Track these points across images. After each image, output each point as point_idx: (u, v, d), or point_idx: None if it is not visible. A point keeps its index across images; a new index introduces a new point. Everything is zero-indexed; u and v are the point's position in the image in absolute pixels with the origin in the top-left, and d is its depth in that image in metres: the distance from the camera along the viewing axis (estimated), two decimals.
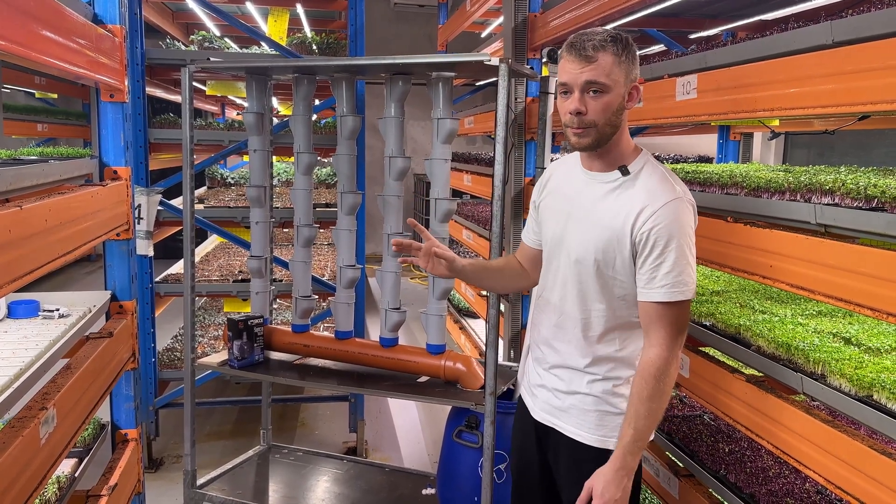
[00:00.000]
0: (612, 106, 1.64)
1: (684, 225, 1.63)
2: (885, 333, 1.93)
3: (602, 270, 1.71)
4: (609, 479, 1.63)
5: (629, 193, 1.68)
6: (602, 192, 1.73)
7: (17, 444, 1.47)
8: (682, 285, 1.62)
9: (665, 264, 1.61)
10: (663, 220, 1.61)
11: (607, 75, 1.62)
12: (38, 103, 7.38)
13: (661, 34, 4.01)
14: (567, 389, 1.81)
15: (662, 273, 1.62)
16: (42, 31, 1.67)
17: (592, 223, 1.72)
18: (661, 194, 1.64)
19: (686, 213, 1.64)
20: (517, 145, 3.34)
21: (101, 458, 2.39)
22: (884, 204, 1.49)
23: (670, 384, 1.65)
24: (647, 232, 1.62)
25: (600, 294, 1.73)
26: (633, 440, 1.63)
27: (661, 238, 1.61)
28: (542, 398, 1.89)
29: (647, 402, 1.62)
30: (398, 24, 10.40)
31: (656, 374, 1.62)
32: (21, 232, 1.51)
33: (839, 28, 1.54)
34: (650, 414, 1.63)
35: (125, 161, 2.38)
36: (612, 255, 1.68)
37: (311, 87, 2.89)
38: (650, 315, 1.66)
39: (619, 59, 1.62)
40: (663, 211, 1.61)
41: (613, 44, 1.62)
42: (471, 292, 4.96)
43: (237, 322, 2.82)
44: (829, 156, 6.00)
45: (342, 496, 3.01)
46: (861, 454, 1.52)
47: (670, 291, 1.62)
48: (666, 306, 1.63)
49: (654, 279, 1.63)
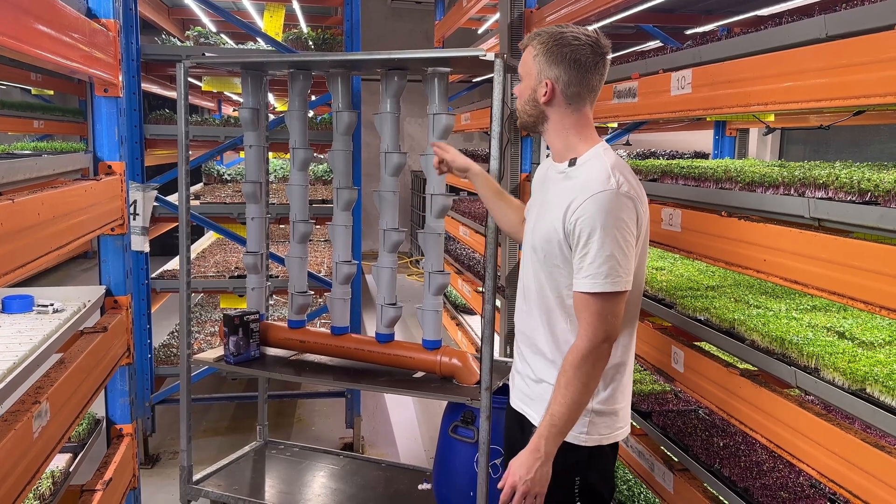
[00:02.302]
0: (523, 95, 1.79)
1: (611, 216, 1.62)
2: (878, 327, 1.94)
3: (549, 259, 1.76)
4: (522, 459, 1.67)
5: (567, 185, 1.74)
6: (554, 183, 1.81)
7: (9, 438, 1.46)
8: (603, 276, 1.62)
9: (589, 255, 1.63)
10: (588, 211, 1.63)
11: (522, 66, 1.79)
12: (34, 100, 7.35)
13: (656, 30, 4.01)
14: (535, 377, 1.85)
15: (587, 263, 1.64)
16: (36, 24, 1.67)
17: (543, 213, 1.79)
18: (592, 186, 1.65)
19: (617, 205, 1.63)
20: (513, 141, 3.34)
21: (96, 454, 2.39)
22: (877, 197, 1.49)
23: (590, 376, 1.66)
24: (574, 222, 1.66)
25: (549, 282, 1.78)
26: (549, 425, 1.66)
27: (586, 229, 1.63)
28: (517, 385, 1.95)
29: (562, 389, 1.66)
30: (395, 20, 10.39)
31: (574, 363, 1.65)
32: (13, 225, 1.50)
33: (832, 22, 1.55)
34: (566, 402, 1.65)
35: (119, 156, 2.37)
36: (553, 245, 1.73)
37: (307, 83, 2.88)
38: (577, 305, 1.69)
39: (534, 54, 1.75)
40: (590, 202, 1.63)
41: (534, 39, 1.76)
42: (467, 289, 4.96)
43: (233, 318, 2.82)
44: (824, 152, 6.02)
45: (338, 492, 3.01)
46: (854, 448, 1.52)
47: (593, 282, 1.63)
48: (591, 297, 1.64)
49: (581, 269, 1.66)
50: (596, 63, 1.72)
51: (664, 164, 2.44)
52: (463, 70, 2.96)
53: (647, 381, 2.74)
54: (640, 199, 1.70)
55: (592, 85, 1.74)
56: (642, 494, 2.65)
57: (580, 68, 1.71)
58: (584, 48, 1.70)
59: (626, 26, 4.42)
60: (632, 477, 2.68)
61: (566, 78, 1.72)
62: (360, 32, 3.74)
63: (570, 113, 1.76)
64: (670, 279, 2.59)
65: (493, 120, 2.26)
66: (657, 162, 2.57)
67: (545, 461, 1.67)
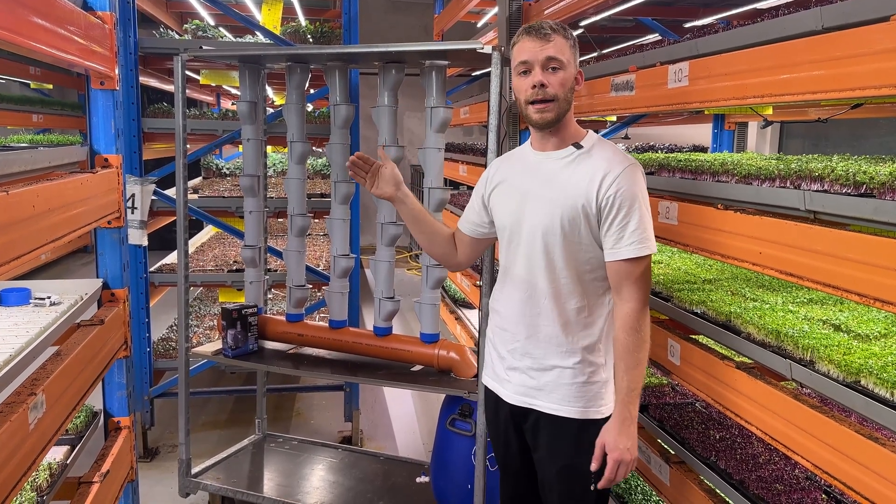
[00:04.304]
0: (568, 82, 1.82)
1: (642, 188, 1.80)
2: (874, 320, 1.94)
3: (569, 237, 1.81)
4: (618, 430, 1.76)
5: (588, 163, 1.82)
6: (559, 167, 1.85)
7: (5, 429, 1.47)
8: (647, 241, 1.77)
9: (631, 223, 1.76)
10: (626, 183, 1.76)
11: (562, 53, 1.81)
12: (33, 94, 7.34)
13: (655, 23, 4.00)
14: (541, 367, 1.88)
15: (630, 231, 1.76)
16: (32, 17, 1.67)
17: (555, 195, 1.83)
18: (619, 161, 1.79)
19: (642, 178, 1.81)
20: (510, 134, 3.33)
21: (94, 446, 2.40)
22: (872, 190, 1.49)
23: (648, 333, 1.79)
24: (612, 195, 1.76)
25: (566, 261, 1.83)
26: (629, 390, 1.76)
27: (626, 200, 1.75)
28: (516, 381, 1.94)
29: (633, 353, 1.76)
30: (393, 14, 10.36)
31: (635, 326, 1.76)
32: (8, 217, 1.50)
33: (828, 14, 1.54)
34: (638, 364, 1.76)
35: (116, 149, 2.37)
36: (577, 221, 1.80)
37: (305, 76, 2.88)
38: (619, 273, 1.79)
39: (570, 43, 1.83)
40: (624, 175, 1.77)
41: (564, 30, 1.82)
42: (466, 283, 4.96)
43: (231, 311, 2.82)
44: (823, 146, 6.01)
45: (337, 484, 3.02)
46: (849, 440, 1.53)
47: (638, 247, 1.76)
48: (634, 262, 1.76)
49: (621, 238, 1.77)
50: None
51: (661, 158, 2.43)
52: (461, 63, 2.96)
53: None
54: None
55: None
56: (639, 487, 2.66)
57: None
58: None
59: (625, 19, 4.41)
60: None
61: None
62: (359, 26, 3.74)
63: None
64: (667, 272, 2.59)
65: (490, 113, 2.26)
66: (654, 155, 2.57)
67: (634, 423, 1.77)
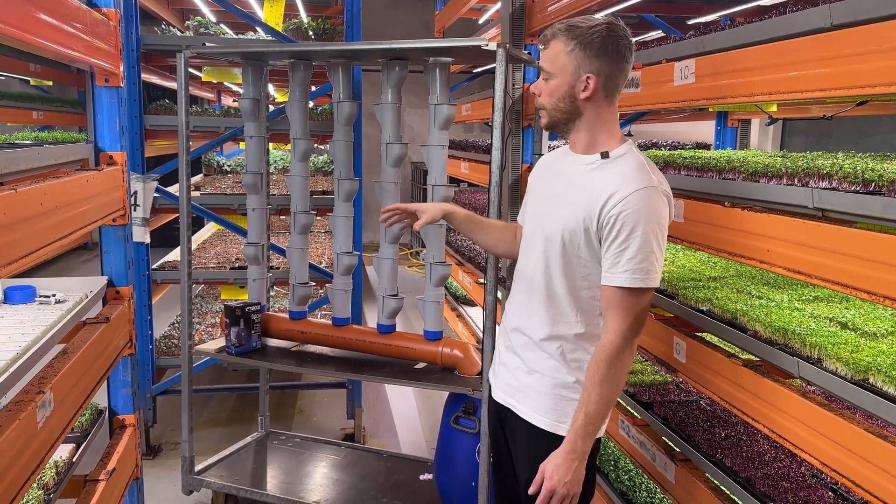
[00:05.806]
0: (557, 92, 1.71)
1: (654, 214, 1.62)
2: (881, 318, 1.93)
3: (567, 249, 1.73)
4: (559, 462, 1.66)
5: (603, 176, 1.69)
6: (581, 174, 1.75)
7: (14, 427, 1.47)
8: (643, 272, 1.62)
9: (629, 250, 1.62)
10: (632, 206, 1.61)
11: (551, 62, 1.70)
12: (33, 90, 7.33)
13: (659, 20, 3.99)
14: (526, 369, 1.84)
15: (626, 258, 1.62)
16: (38, 14, 1.67)
17: (567, 202, 1.74)
18: (634, 181, 1.63)
19: (658, 203, 1.64)
20: (514, 132, 3.33)
21: (98, 444, 2.40)
22: (881, 187, 1.49)
23: (623, 371, 1.67)
24: (614, 216, 1.62)
25: (563, 272, 1.75)
26: (584, 424, 1.66)
27: (628, 223, 1.61)
28: (503, 378, 1.93)
29: (597, 386, 1.65)
30: (395, 10, 10.33)
31: (607, 360, 1.65)
32: (16, 215, 1.50)
33: (838, 11, 1.54)
34: (601, 399, 1.65)
35: (121, 146, 2.37)
36: (577, 234, 1.70)
37: (308, 73, 2.87)
38: (609, 300, 1.67)
39: (569, 49, 1.67)
40: (634, 197, 1.61)
41: (566, 33, 1.68)
42: (468, 280, 4.96)
43: (234, 309, 2.82)
44: (826, 143, 6.00)
45: (339, 482, 3.02)
46: (856, 438, 1.53)
47: (631, 277, 1.62)
48: (626, 292, 1.64)
49: (617, 263, 1.63)
50: (630, 53, 1.71)
51: (666, 155, 2.43)
52: (464, 60, 2.95)
53: (648, 371, 2.74)
54: (671, 197, 1.71)
55: (626, 75, 1.73)
56: (643, 485, 2.66)
57: (621, 60, 1.69)
58: (622, 39, 1.68)
59: (628, 16, 4.39)
60: (633, 467, 2.69)
61: (608, 70, 1.68)
62: (361, 22, 3.73)
63: (605, 106, 1.73)
64: (673, 270, 2.59)
65: (495, 110, 2.25)
66: (659, 152, 2.57)
67: (581, 460, 1.67)
